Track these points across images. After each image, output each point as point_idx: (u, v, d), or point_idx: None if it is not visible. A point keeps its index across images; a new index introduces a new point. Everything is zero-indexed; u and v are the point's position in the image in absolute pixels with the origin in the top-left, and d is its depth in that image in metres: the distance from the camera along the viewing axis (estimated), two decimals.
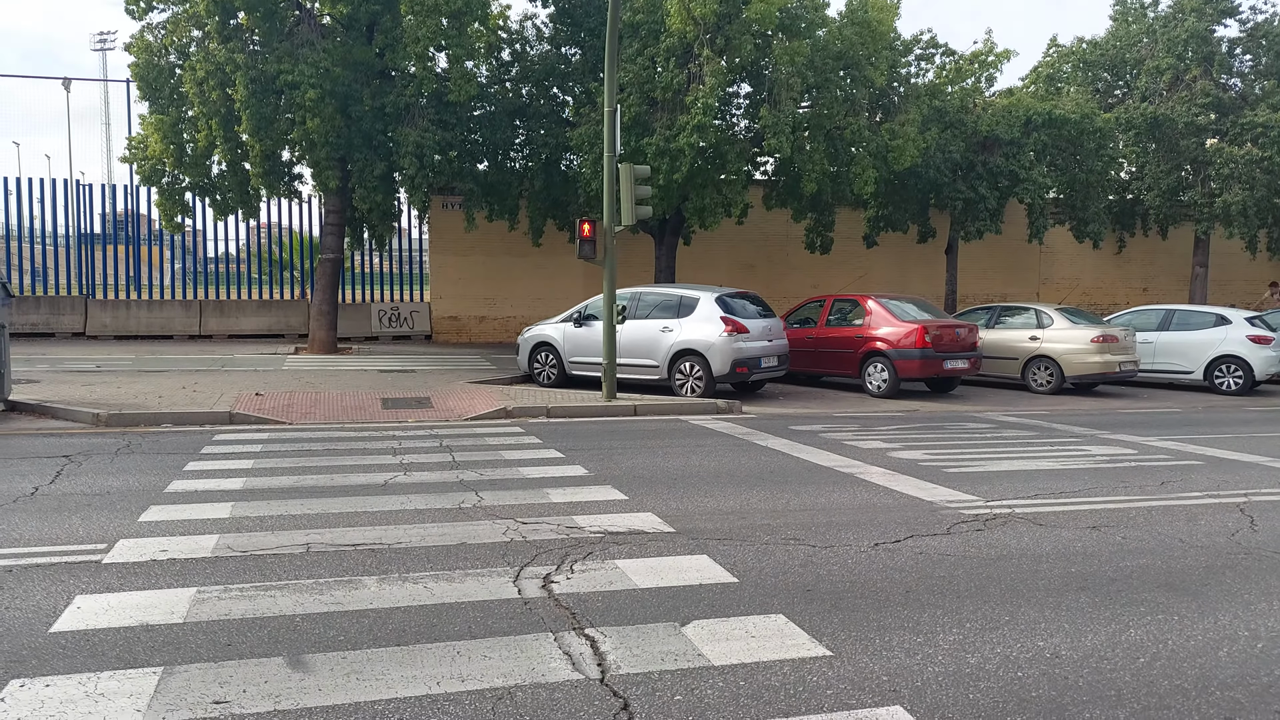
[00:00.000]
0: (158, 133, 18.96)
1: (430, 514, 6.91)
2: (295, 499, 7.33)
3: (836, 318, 16.61)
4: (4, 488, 7.61)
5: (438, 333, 25.05)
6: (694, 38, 17.39)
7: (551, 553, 5.89)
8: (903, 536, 6.46)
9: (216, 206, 20.73)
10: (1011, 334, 17.20)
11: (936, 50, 22.02)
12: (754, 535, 6.42)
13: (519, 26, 21.54)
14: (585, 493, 7.74)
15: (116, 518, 6.68)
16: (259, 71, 17.67)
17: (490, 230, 22.47)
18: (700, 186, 18.50)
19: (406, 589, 5.16)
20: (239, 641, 4.39)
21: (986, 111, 22.18)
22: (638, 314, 14.94)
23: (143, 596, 4.99)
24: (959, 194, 21.89)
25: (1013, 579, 5.54)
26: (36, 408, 12.04)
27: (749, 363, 14.38)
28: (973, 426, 12.54)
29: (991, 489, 8.15)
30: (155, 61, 18.88)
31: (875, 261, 25.80)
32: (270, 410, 12.14)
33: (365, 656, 4.23)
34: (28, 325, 22.44)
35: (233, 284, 26.91)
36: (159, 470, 8.47)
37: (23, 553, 5.79)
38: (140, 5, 18.47)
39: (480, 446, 10.08)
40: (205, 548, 5.91)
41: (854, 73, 18.95)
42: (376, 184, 19.04)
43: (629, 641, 4.43)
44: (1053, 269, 28.77)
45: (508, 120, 20.75)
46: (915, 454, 9.96)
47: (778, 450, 10.13)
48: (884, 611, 4.92)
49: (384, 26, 18.54)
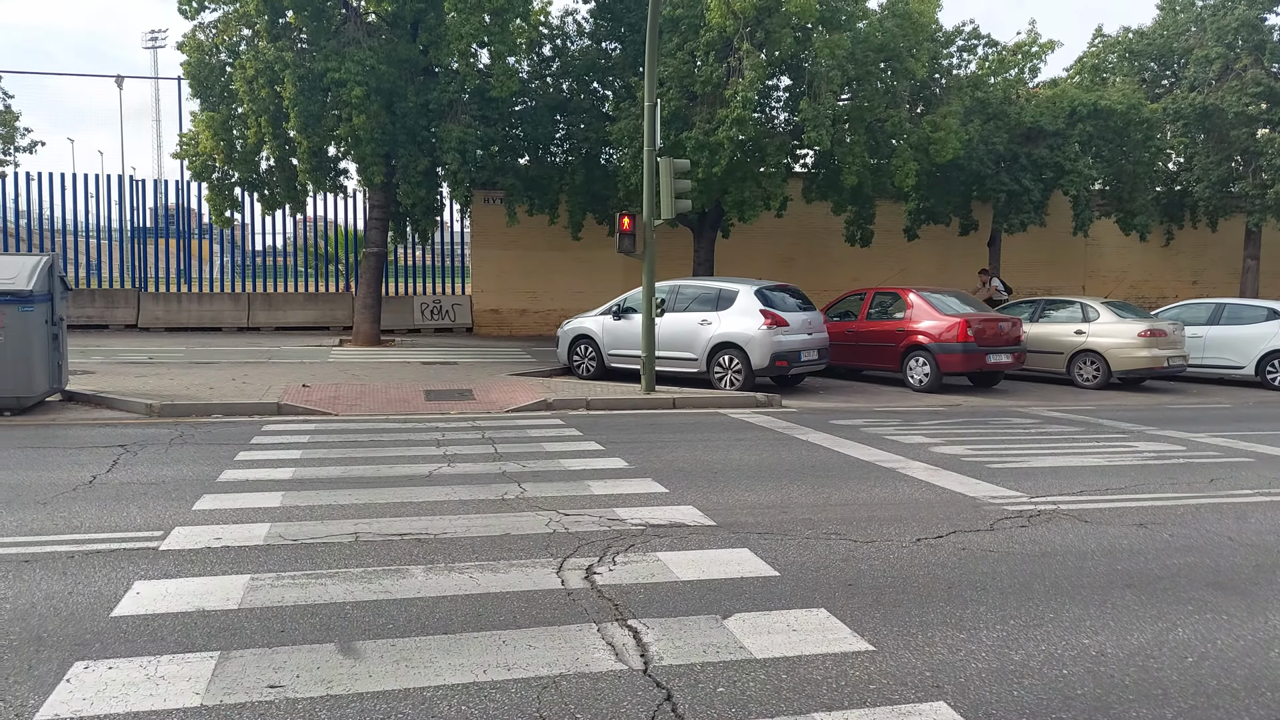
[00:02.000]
0: (208, 129, 19.35)
1: (474, 505, 7.02)
2: (343, 489, 7.48)
3: (877, 311, 16.51)
4: (64, 476, 7.86)
5: (479, 325, 25.28)
6: (733, 31, 17.35)
7: (594, 544, 5.96)
8: (945, 532, 6.45)
9: (265, 201, 21.14)
10: (1056, 328, 16.97)
11: (979, 41, 21.73)
12: (795, 529, 6.44)
13: (560, 22, 21.68)
14: (626, 485, 7.81)
15: (172, 506, 6.87)
16: (307, 69, 17.94)
17: (531, 224, 22.61)
18: (739, 180, 18.47)
19: (453, 578, 5.26)
20: (292, 628, 4.51)
21: (1030, 103, 21.86)
22: (676, 307, 14.97)
23: (199, 583, 5.15)
24: (1002, 186, 21.61)
25: (1057, 576, 5.51)
26: (92, 398, 12.38)
27: (789, 356, 14.35)
28: (1017, 422, 12.41)
29: (1036, 485, 8.09)
30: (206, 60, 19.26)
31: (916, 254, 25.55)
32: (317, 401, 12.36)
33: (414, 644, 4.33)
34: (83, 318, 23.01)
35: (280, 277, 27.36)
36: (211, 460, 8.68)
37: (84, 539, 5.98)
38: (192, 5, 18.83)
39: (522, 438, 10.19)
40: (257, 536, 6.07)
41: (895, 65, 18.79)
42: (420, 179, 19.27)
43: (671, 633, 4.48)
44: (1099, 262, 28.29)
45: (549, 115, 20.87)
46: (958, 449, 9.90)
47: (818, 444, 10.12)
48: (926, 607, 4.92)
49: (428, 24, 18.74)
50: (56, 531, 6.16)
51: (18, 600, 4.84)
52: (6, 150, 22.98)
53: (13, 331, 10.95)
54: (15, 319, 10.97)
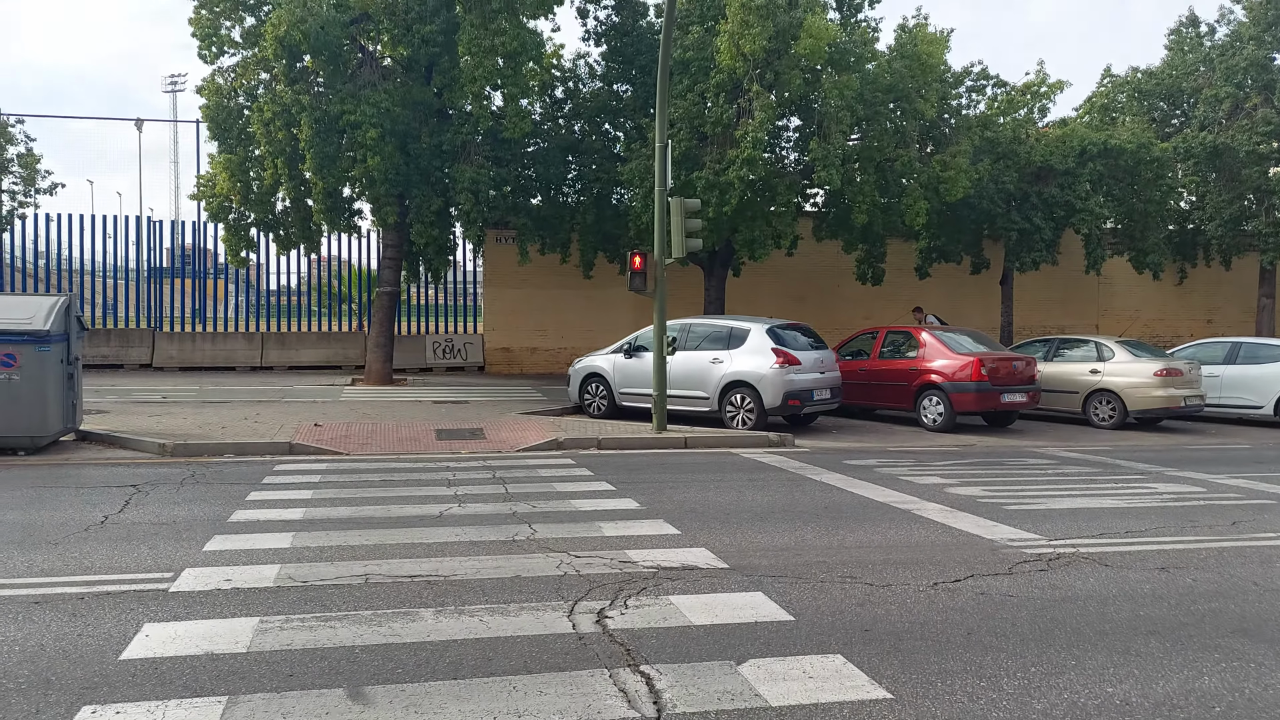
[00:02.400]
0: (226, 171, 19.59)
1: (485, 546, 6.96)
2: (353, 530, 7.44)
3: (890, 350, 16.46)
4: (76, 516, 7.85)
5: (490, 364, 25.31)
6: (743, 73, 17.53)
7: (605, 587, 5.89)
8: (963, 576, 6.35)
9: (280, 241, 21.33)
10: (1071, 367, 16.87)
11: (988, 81, 21.90)
12: (810, 573, 6.36)
13: (572, 65, 21.96)
14: (637, 527, 7.74)
15: (182, 547, 6.84)
16: (323, 112, 18.19)
17: (542, 263, 22.72)
18: (750, 219, 18.55)
19: (462, 622, 5.20)
20: (300, 672, 4.46)
21: (1040, 142, 21.94)
22: (688, 345, 14.96)
23: (208, 626, 5.10)
24: (1013, 224, 21.64)
25: (1079, 622, 5.41)
26: (106, 437, 12.41)
27: (801, 395, 14.29)
28: (1032, 462, 12.30)
29: (1054, 527, 7.98)
30: (225, 103, 19.55)
31: (928, 293, 25.50)
32: (329, 441, 12.36)
33: (423, 689, 4.26)
34: (98, 357, 23.17)
35: (293, 317, 27.54)
36: (222, 500, 8.66)
37: (94, 580, 5.95)
38: (212, 50, 19.15)
39: (533, 478, 10.14)
40: (267, 577, 6.02)
41: (904, 105, 18.93)
42: (433, 219, 19.44)
43: (684, 679, 4.41)
44: (1112, 300, 28.20)
45: (560, 156, 21.08)
46: (974, 490, 9.80)
47: (832, 485, 10.04)
48: (945, 654, 4.83)
49: (442, 67, 19.01)
50: (67, 572, 6.13)
51: (26, 642, 4.80)
52: (27, 192, 23.26)
53: (29, 371, 11.01)
54: (31, 359, 11.04)
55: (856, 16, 20.35)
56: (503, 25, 17.82)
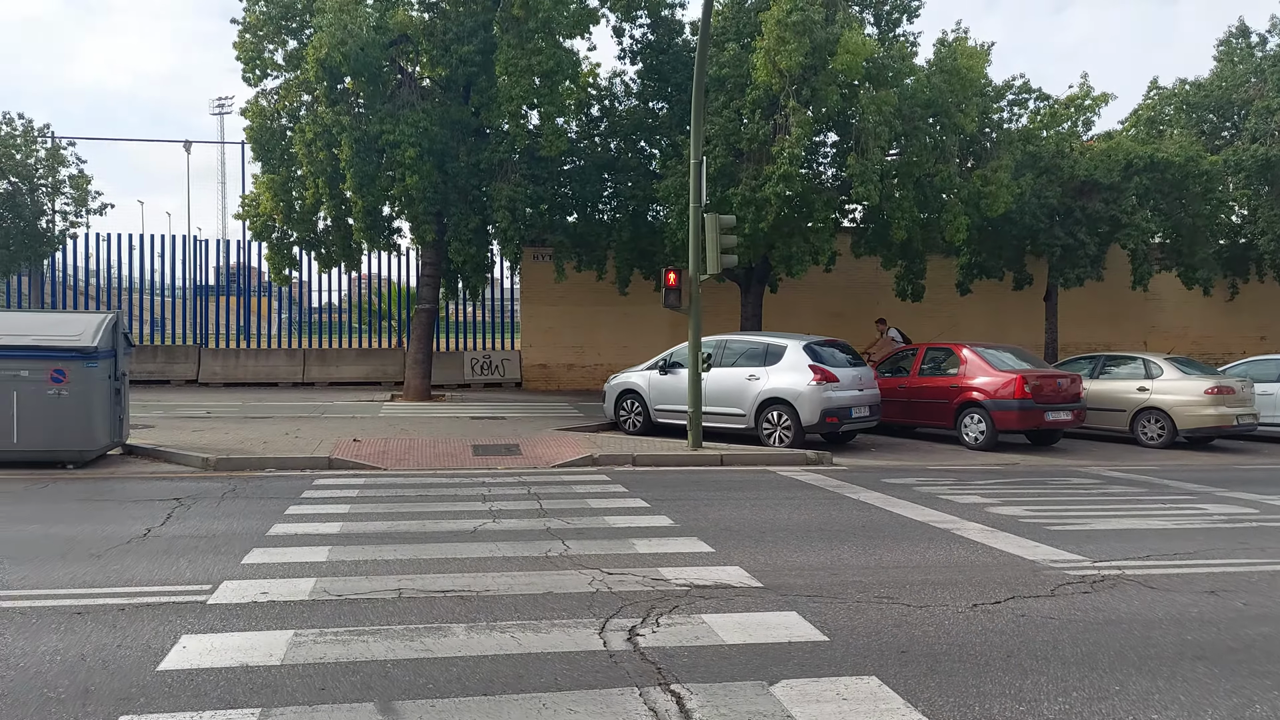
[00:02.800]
0: (269, 191, 19.97)
1: (518, 562, 6.96)
2: (388, 544, 7.48)
3: (930, 367, 16.26)
4: (119, 530, 7.98)
5: (527, 380, 25.43)
6: (780, 89, 17.50)
7: (637, 605, 5.85)
8: (1003, 597, 6.22)
9: (321, 260, 21.69)
10: (1118, 385, 16.54)
11: (1030, 95, 21.63)
12: (845, 592, 6.27)
13: (608, 83, 22.08)
14: (671, 544, 7.69)
15: (221, 560, 6.92)
16: (363, 132, 18.48)
17: (579, 280, 22.81)
18: (787, 235, 18.48)
19: (494, 638, 5.19)
20: (333, 686, 4.47)
21: (1084, 156, 21.61)
22: (724, 362, 14.90)
23: (244, 638, 5.14)
24: (1056, 240, 21.31)
25: (1122, 645, 5.26)
26: (151, 452, 12.63)
27: (839, 412, 14.16)
28: (1077, 482, 12.05)
29: (1098, 548, 7.80)
30: (268, 125, 19.95)
31: (969, 309, 25.23)
32: (367, 456, 12.47)
33: (453, 705, 4.25)
34: (145, 373, 23.62)
35: (334, 333, 27.92)
36: (262, 514, 8.76)
37: (134, 592, 6.04)
38: (256, 73, 19.56)
39: (567, 494, 10.14)
40: (303, 591, 6.07)
41: (944, 120, 18.75)
42: (471, 237, 19.63)
43: (716, 699, 4.35)
44: (1159, 317, 27.65)
45: (596, 173, 21.19)
46: (1015, 510, 9.62)
47: (870, 504, 9.91)
48: (983, 677, 4.72)
49: (480, 87, 19.23)
50: (108, 584, 6.23)
51: (67, 653, 4.88)
52: (78, 212, 23.87)
53: (77, 387, 11.25)
54: (80, 374, 11.28)
55: (894, 31, 20.25)
56: (539, 45, 18.00)
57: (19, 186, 22.68)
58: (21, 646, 4.96)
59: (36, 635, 5.15)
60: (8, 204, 22.45)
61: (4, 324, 11.73)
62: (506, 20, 18.13)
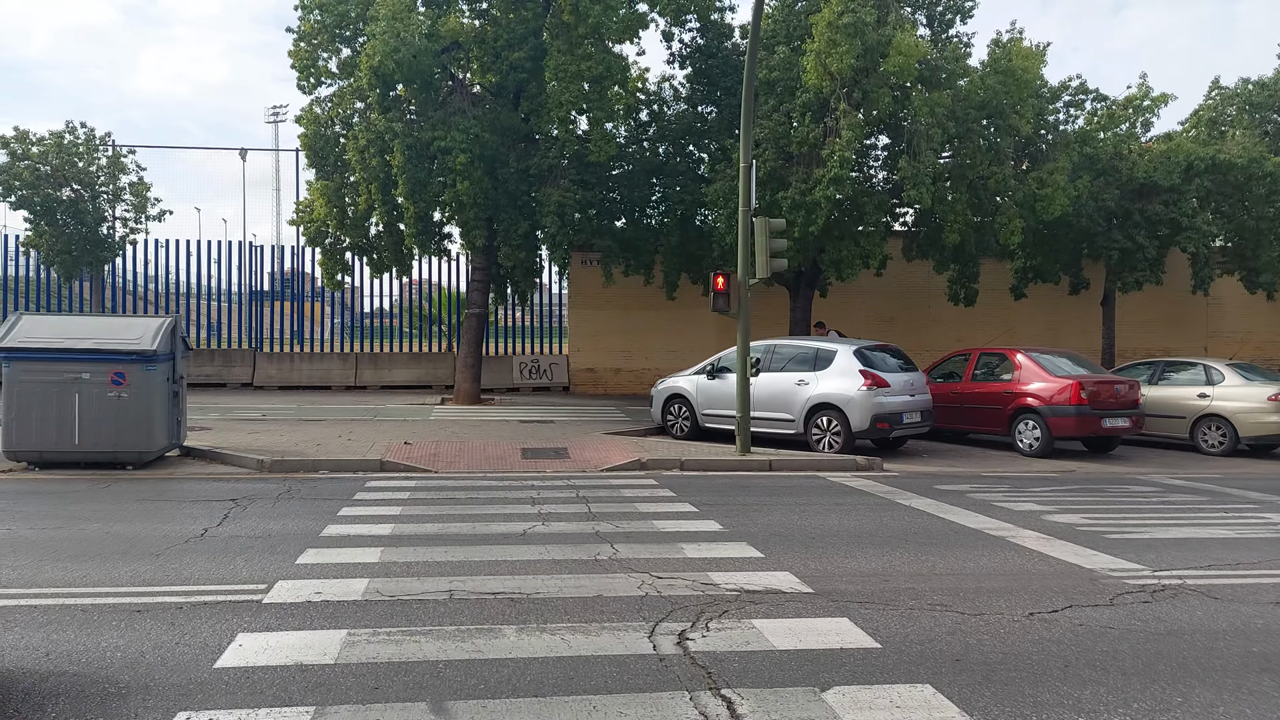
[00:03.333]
0: (323, 197, 20.32)
1: (567, 565, 6.98)
2: (440, 546, 7.55)
3: (983, 372, 16.01)
4: (178, 529, 8.16)
5: (575, 384, 25.53)
6: (830, 92, 17.37)
7: (687, 609, 5.83)
8: (1060, 606, 6.09)
9: (373, 265, 22.00)
10: (1178, 391, 16.13)
11: (1087, 96, 21.21)
12: (897, 599, 6.18)
13: (657, 88, 22.11)
14: (720, 549, 7.66)
15: (276, 560, 7.03)
16: (414, 139, 18.71)
17: (626, 285, 22.86)
18: (837, 239, 18.33)
19: (544, 640, 5.20)
20: (385, 685, 4.52)
21: (1143, 157, 21.13)
22: (773, 367, 14.81)
23: (298, 637, 5.22)
24: (1114, 243, 20.86)
25: (1184, 657, 5.12)
26: (208, 453, 12.90)
27: (890, 418, 13.99)
28: (1136, 489, 11.77)
29: (1159, 558, 7.60)
30: (322, 132, 20.30)
31: (1024, 314, 24.79)
32: (418, 459, 12.60)
33: (504, 706, 4.27)
34: (202, 376, 24.17)
35: (386, 338, 28.30)
36: (316, 515, 8.90)
37: (192, 590, 6.16)
38: (310, 81, 19.92)
39: (615, 498, 10.15)
40: (356, 591, 6.15)
41: (998, 121, 18.47)
42: (520, 242, 19.78)
43: (766, 705, 4.32)
44: (1221, 322, 26.91)
45: (645, 178, 21.21)
46: (1072, 518, 9.41)
47: (922, 510, 9.77)
48: (1040, 686, 4.62)
49: (530, 93, 19.39)
50: (167, 583, 6.37)
51: (128, 649, 4.99)
52: (138, 219, 24.51)
53: (136, 389, 11.53)
54: (139, 377, 11.56)
55: (948, 32, 20.00)
56: (589, 50, 18.08)
57: (81, 194, 23.36)
58: (84, 642, 5.09)
59: (99, 631, 5.28)
60: (70, 211, 23.13)
61: (66, 328, 12.07)
62: (556, 26, 18.25)
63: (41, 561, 6.89)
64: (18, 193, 22.70)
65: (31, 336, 11.55)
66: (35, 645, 5.03)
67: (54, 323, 12.39)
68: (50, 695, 4.35)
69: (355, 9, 19.14)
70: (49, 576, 6.47)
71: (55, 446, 11.44)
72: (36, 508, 9.20)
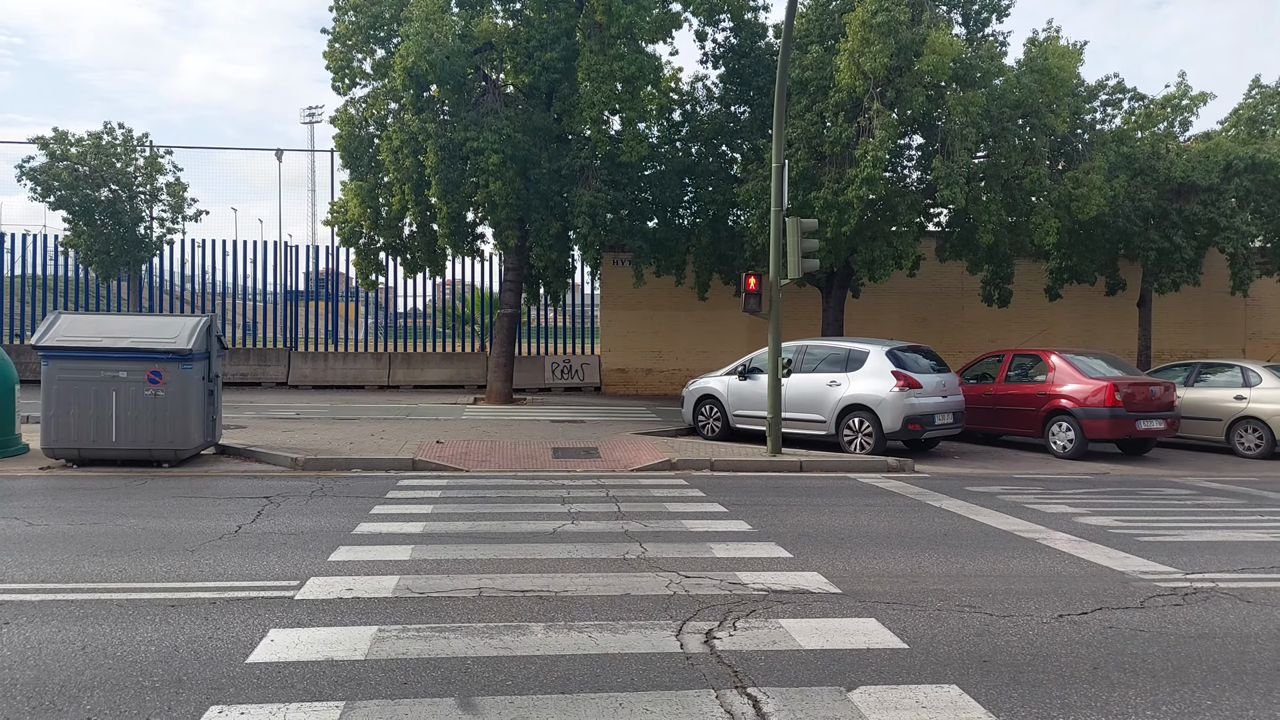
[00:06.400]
0: (357, 198, 20.55)
1: (596, 563, 7.01)
2: (470, 544, 7.62)
3: (1016, 374, 15.85)
4: (213, 525, 8.30)
5: (606, 384, 25.60)
6: (863, 92, 17.28)
7: (714, 608, 5.84)
8: (1090, 608, 6.03)
9: (407, 265, 22.22)
10: (1214, 393, 15.87)
11: (1124, 95, 20.95)
12: (926, 600, 6.15)
13: (689, 88, 22.11)
14: (748, 549, 7.66)
15: (309, 556, 7.13)
16: (447, 139, 18.87)
17: (658, 285, 22.89)
18: (870, 239, 18.23)
19: (572, 637, 5.24)
20: (414, 681, 4.58)
21: (1181, 157, 20.81)
22: (804, 367, 14.76)
23: (329, 633, 5.30)
24: (1151, 244, 20.56)
25: (1216, 660, 5.05)
26: (243, 451, 13.09)
27: (922, 419, 13.89)
28: (1170, 492, 11.60)
29: (1191, 561, 7.49)
30: (356, 133, 20.53)
31: (1058, 315, 24.51)
32: (449, 458, 12.71)
33: (531, 702, 4.31)
34: (238, 375, 24.53)
35: (419, 337, 28.56)
36: (348, 512, 9.01)
37: (226, 586, 6.27)
38: (345, 82, 20.16)
39: (645, 498, 10.17)
40: (386, 588, 6.22)
41: (1034, 121, 18.27)
42: (552, 242, 19.87)
43: (792, 704, 4.32)
44: (1260, 323, 26.42)
45: (677, 178, 21.23)
46: (1105, 520, 9.30)
47: (953, 512, 9.70)
48: (1069, 688, 4.59)
49: (562, 93, 19.48)
50: (202, 578, 6.48)
51: (162, 643, 5.09)
52: (175, 219, 24.89)
53: (172, 388, 11.72)
54: (175, 376, 11.76)
55: (983, 31, 19.81)
56: (621, 50, 18.14)
57: (119, 194, 23.77)
58: (119, 636, 5.19)
59: (133, 626, 5.39)
60: (108, 211, 23.56)
61: (104, 327, 12.26)
62: (589, 26, 18.32)
63: (79, 556, 7.04)
64: (57, 193, 23.16)
65: (70, 335, 11.77)
66: (72, 639, 5.14)
67: (92, 321, 12.59)
68: (86, 688, 4.45)
69: (389, 10, 19.34)
70: (86, 571, 6.61)
71: (93, 444, 11.66)
72: (75, 504, 9.40)
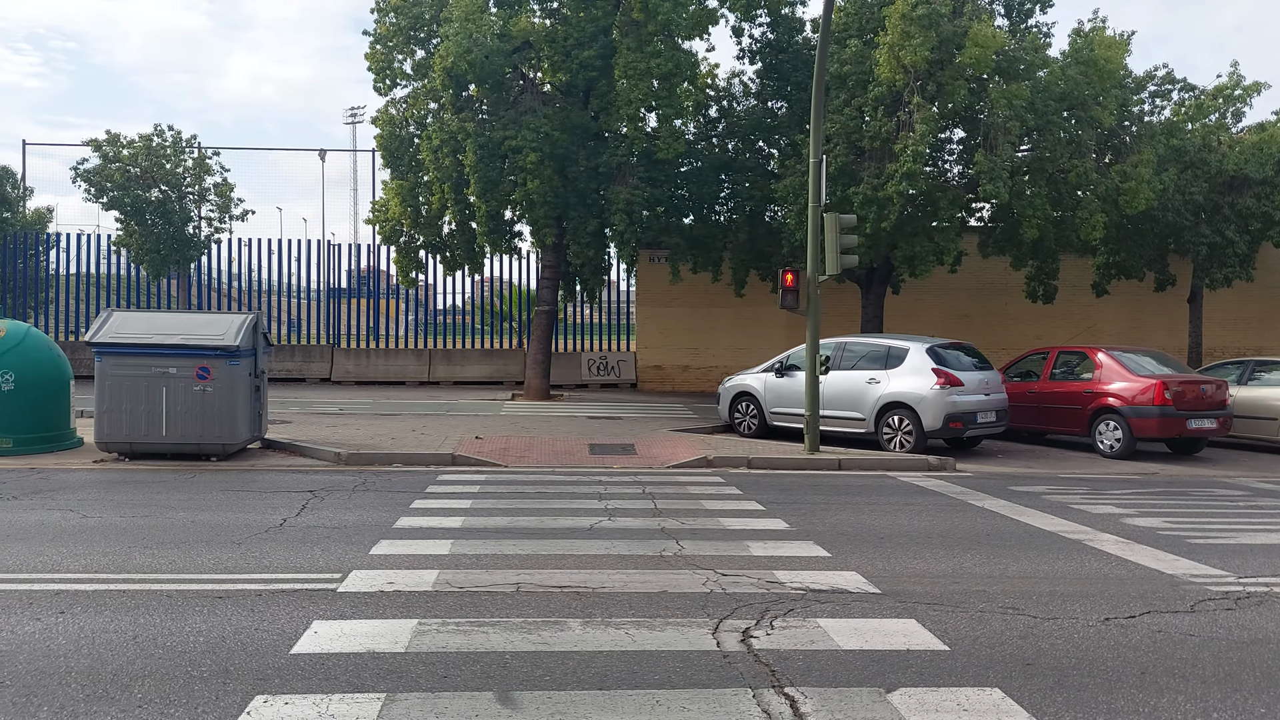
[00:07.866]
0: (397, 197, 20.78)
1: (633, 560, 7.02)
2: (508, 539, 7.66)
3: (1062, 371, 15.59)
4: (258, 519, 8.44)
5: (643, 381, 25.61)
6: (903, 85, 17.09)
7: (751, 606, 5.82)
8: (1138, 612, 5.91)
9: (446, 263, 22.42)
10: (1269, 391, 15.49)
11: (1173, 86, 20.50)
12: (967, 601, 6.08)
13: (726, 84, 22.03)
14: (786, 547, 7.62)
15: (351, 550, 7.23)
16: (486, 138, 19.00)
17: (694, 282, 22.84)
18: (910, 234, 18.02)
19: (609, 634, 5.25)
20: (454, 674, 4.62)
21: (1233, 149, 20.32)
22: (843, 365, 14.65)
23: (371, 625, 5.36)
24: (1202, 238, 20.11)
25: (1270, 666, 4.93)
26: (288, 446, 13.30)
27: (964, 417, 13.72)
28: (1222, 493, 11.34)
29: (1245, 564, 7.32)
30: (397, 132, 20.76)
31: (1105, 311, 24.06)
32: (488, 453, 12.80)
33: (569, 698, 4.33)
34: (283, 371, 24.92)
35: (458, 334, 28.79)
36: (389, 507, 9.11)
37: (271, 578, 6.37)
38: (385, 83, 20.38)
39: (682, 495, 10.16)
40: (427, 582, 6.28)
41: (1079, 113, 17.95)
42: (589, 240, 19.92)
43: (830, 704, 4.29)
44: None
45: (714, 175, 21.17)
46: (1153, 521, 9.12)
47: (995, 512, 9.57)
48: (1115, 693, 4.50)
49: (599, 91, 19.51)
50: (248, 570, 6.59)
51: (210, 633, 5.19)
52: (222, 218, 25.37)
53: (220, 383, 11.95)
54: (222, 372, 11.98)
55: (1026, 23, 19.51)
56: (658, 47, 18.13)
57: (169, 194, 24.27)
58: (169, 627, 5.30)
59: (183, 616, 5.49)
60: (158, 211, 24.05)
61: (154, 324, 12.54)
62: (626, 24, 18.33)
63: (131, 548, 7.19)
64: (109, 194, 23.70)
65: (122, 332, 12.05)
66: (124, 629, 5.26)
67: (143, 319, 12.85)
68: (137, 676, 4.54)
69: (429, 11, 19.52)
70: (137, 563, 6.75)
71: (144, 438, 11.92)
72: (126, 496, 9.61)
